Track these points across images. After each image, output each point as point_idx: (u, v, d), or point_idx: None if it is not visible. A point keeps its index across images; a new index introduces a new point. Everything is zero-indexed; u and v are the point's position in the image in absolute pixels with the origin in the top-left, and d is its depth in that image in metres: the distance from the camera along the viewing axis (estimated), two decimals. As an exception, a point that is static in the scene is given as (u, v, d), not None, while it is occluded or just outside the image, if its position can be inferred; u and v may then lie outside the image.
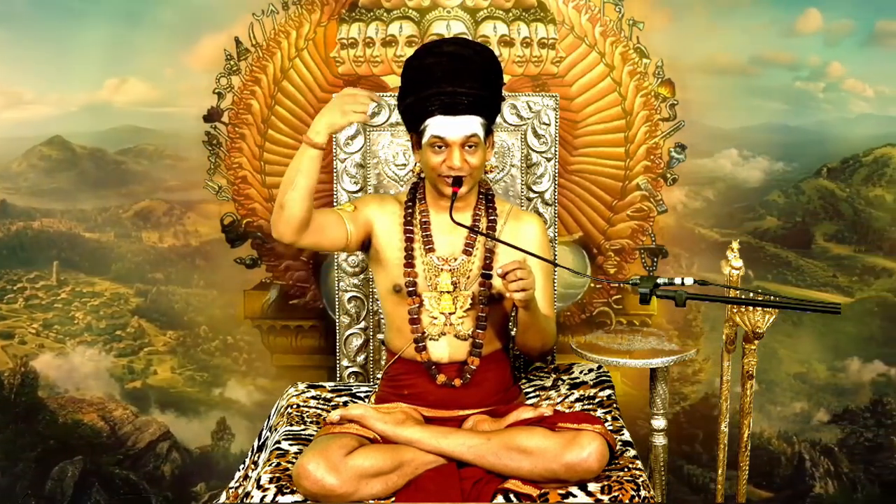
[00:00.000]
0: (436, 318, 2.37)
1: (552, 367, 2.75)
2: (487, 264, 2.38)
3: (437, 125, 2.26)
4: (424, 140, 2.30)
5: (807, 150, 3.32)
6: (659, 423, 2.74)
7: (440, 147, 2.28)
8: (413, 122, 2.33)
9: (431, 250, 2.40)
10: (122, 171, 3.35)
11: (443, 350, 2.38)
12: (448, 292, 2.37)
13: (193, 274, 3.37)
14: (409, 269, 2.37)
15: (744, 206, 3.35)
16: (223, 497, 2.43)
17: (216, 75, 3.25)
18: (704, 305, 3.28)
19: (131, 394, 3.40)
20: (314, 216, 2.26)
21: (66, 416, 3.39)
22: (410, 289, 2.37)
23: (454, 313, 2.37)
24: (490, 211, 2.44)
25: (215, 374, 3.39)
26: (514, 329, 2.48)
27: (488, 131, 2.35)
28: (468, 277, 2.39)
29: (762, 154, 3.32)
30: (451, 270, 2.38)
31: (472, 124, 2.27)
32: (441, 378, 2.35)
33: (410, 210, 2.43)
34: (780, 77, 3.28)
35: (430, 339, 2.38)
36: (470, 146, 2.28)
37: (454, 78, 2.24)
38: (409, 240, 2.40)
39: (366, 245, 2.43)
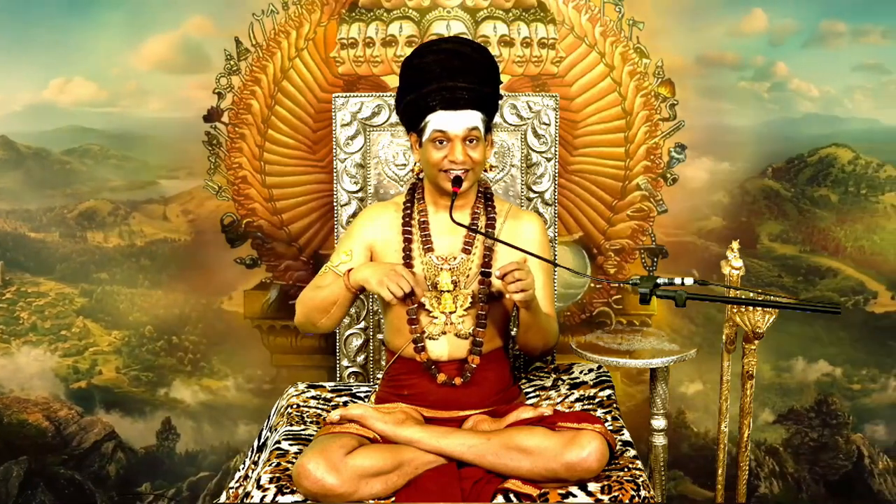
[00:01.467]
0: (436, 318, 2.37)
1: (552, 367, 2.75)
2: (486, 262, 2.38)
3: (439, 120, 2.27)
4: (426, 137, 2.30)
5: (752, 150, 3.32)
6: (659, 423, 2.75)
7: (442, 142, 2.29)
8: (413, 120, 2.33)
9: (430, 250, 2.40)
10: (66, 171, 3.35)
11: (443, 349, 2.38)
12: (448, 291, 2.37)
13: (139, 274, 3.37)
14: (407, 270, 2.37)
15: (689, 206, 3.34)
16: (223, 497, 2.43)
17: (216, 75, 3.25)
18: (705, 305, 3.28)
19: (76, 394, 3.41)
20: None
21: (11, 416, 3.39)
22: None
23: (454, 312, 2.37)
24: (489, 210, 2.44)
25: (160, 374, 3.40)
26: (516, 329, 2.48)
27: (488, 129, 2.36)
28: (468, 276, 2.39)
29: (707, 154, 3.32)
30: (450, 269, 2.39)
31: (472, 118, 2.28)
32: (441, 377, 2.35)
33: (409, 211, 2.43)
34: (726, 77, 3.28)
35: (430, 339, 2.38)
36: (471, 140, 2.29)
37: (454, 73, 2.26)
38: (408, 240, 2.40)
39: None
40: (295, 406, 2.55)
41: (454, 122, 2.27)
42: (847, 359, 3.38)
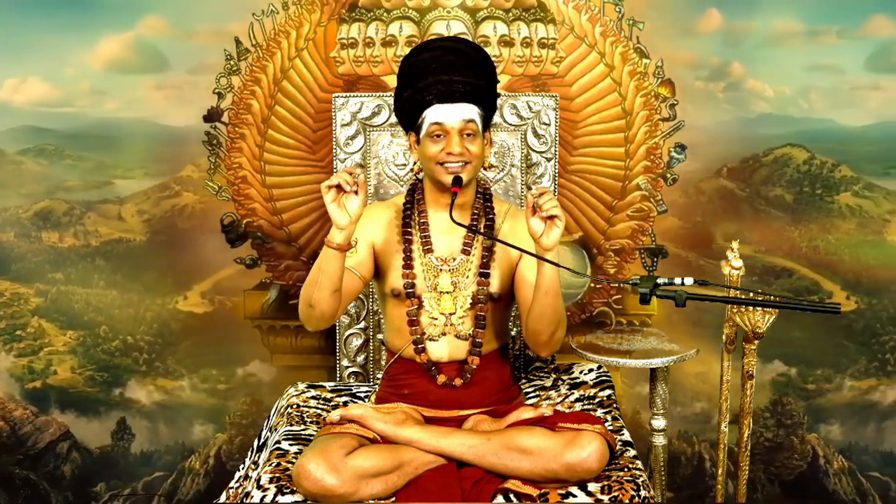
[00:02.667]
0: (436, 319, 2.37)
1: (552, 367, 2.75)
2: (485, 263, 2.38)
3: (436, 113, 2.28)
4: (423, 132, 2.31)
5: (707, 150, 3.31)
6: (659, 423, 2.75)
7: (439, 136, 2.29)
8: (411, 117, 2.34)
9: (430, 251, 2.40)
10: (21, 170, 3.34)
11: (442, 350, 2.38)
12: (448, 292, 2.37)
13: (94, 274, 3.36)
14: (407, 271, 2.38)
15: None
16: (223, 497, 2.43)
17: (216, 75, 3.25)
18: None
19: (31, 394, 3.40)
20: None
21: (-35, 417, 3.40)
22: (409, 290, 2.37)
23: (454, 313, 2.37)
24: (488, 210, 2.44)
25: (115, 374, 3.40)
26: (522, 324, 2.46)
27: (486, 126, 2.36)
28: (467, 277, 2.39)
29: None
30: (450, 270, 2.39)
31: (469, 111, 2.30)
32: (441, 378, 2.36)
33: (409, 212, 2.44)
34: (681, 77, 3.27)
35: (430, 340, 2.38)
36: (468, 133, 2.30)
37: (449, 68, 2.29)
38: (408, 241, 2.40)
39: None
40: (295, 406, 2.55)
41: (450, 114, 2.28)
42: (802, 359, 3.38)
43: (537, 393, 2.61)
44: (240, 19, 3.22)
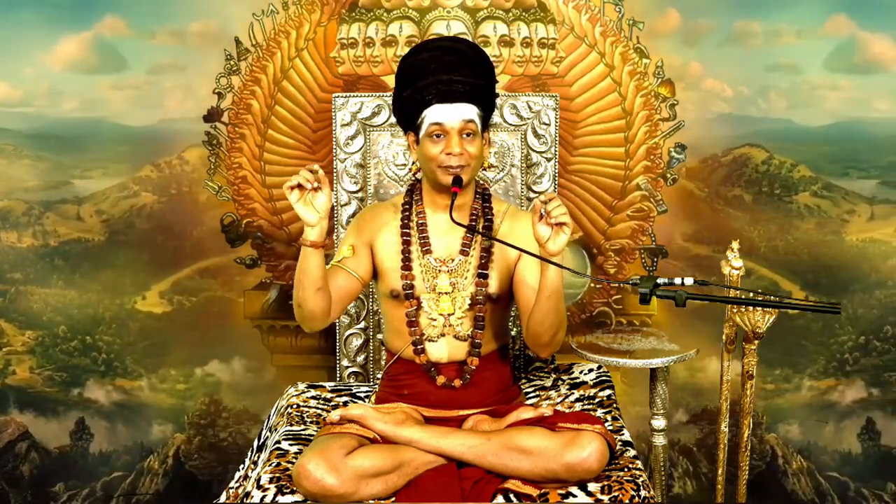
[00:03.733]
0: (434, 320, 2.37)
1: (552, 367, 2.75)
2: (484, 264, 2.38)
3: (435, 113, 2.28)
4: (423, 132, 2.31)
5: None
6: (659, 423, 2.75)
7: (439, 136, 2.29)
8: (410, 117, 2.34)
9: (428, 252, 2.40)
10: None
11: (442, 351, 2.38)
12: (447, 293, 2.37)
13: (52, 274, 3.36)
14: (406, 272, 2.38)
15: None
16: (223, 497, 2.43)
17: (216, 75, 3.25)
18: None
19: None
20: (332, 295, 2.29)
21: (-76, 417, 3.40)
22: (408, 291, 2.37)
23: (453, 314, 2.37)
24: (487, 210, 2.44)
25: (74, 374, 3.40)
26: (522, 326, 2.46)
27: (485, 126, 2.36)
28: (466, 278, 2.39)
29: None
30: (449, 271, 2.39)
31: (468, 111, 2.29)
32: (441, 379, 2.36)
33: (407, 212, 2.43)
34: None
35: (429, 341, 2.38)
36: (468, 134, 2.29)
37: (449, 67, 2.28)
38: (407, 243, 2.40)
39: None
40: (295, 406, 2.55)
41: (450, 114, 2.28)
42: (761, 359, 3.33)
43: (537, 393, 2.61)
44: (238, 19, 3.22)
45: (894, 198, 3.34)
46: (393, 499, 2.10)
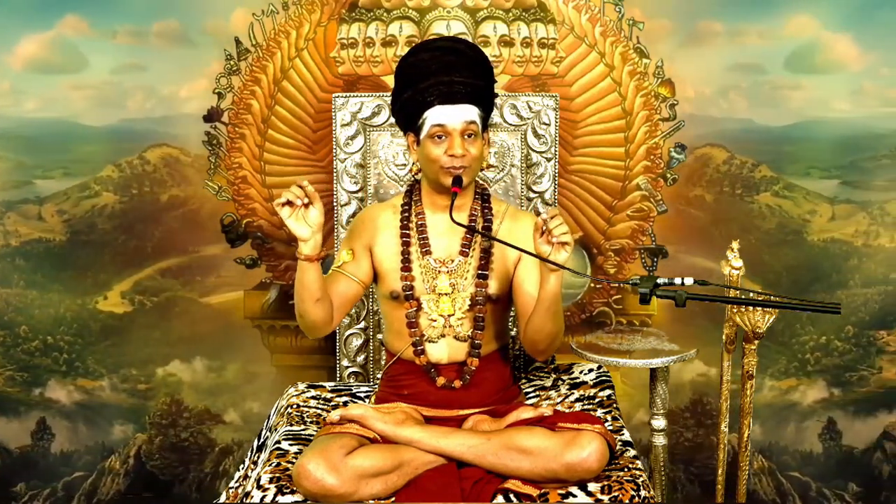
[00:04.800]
0: (434, 321, 2.37)
1: (552, 367, 2.75)
2: (484, 265, 2.38)
3: (437, 114, 2.27)
4: (424, 133, 2.30)
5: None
6: (659, 423, 2.75)
7: (440, 137, 2.29)
8: (411, 118, 2.34)
9: (428, 253, 2.40)
10: None
11: (442, 351, 2.38)
12: (447, 294, 2.37)
13: (13, 274, 3.36)
14: (406, 273, 2.38)
15: None
16: (223, 497, 2.43)
17: (216, 75, 3.25)
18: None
19: None
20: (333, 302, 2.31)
21: None
22: (408, 293, 2.37)
23: (453, 315, 2.37)
24: (486, 211, 2.44)
25: (35, 373, 3.40)
26: (518, 330, 2.47)
27: (485, 126, 2.36)
28: (465, 279, 2.39)
29: None
30: (448, 272, 2.39)
31: (470, 112, 2.29)
32: (441, 380, 2.36)
33: (406, 213, 2.43)
34: None
35: (429, 342, 2.38)
36: (469, 135, 2.29)
37: (450, 68, 2.28)
38: (406, 244, 2.40)
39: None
40: (295, 406, 2.55)
41: (452, 115, 2.27)
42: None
43: (537, 393, 2.61)
44: (237, 19, 3.22)
45: (855, 198, 3.34)
46: (393, 499, 2.10)
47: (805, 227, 3.34)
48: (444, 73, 2.27)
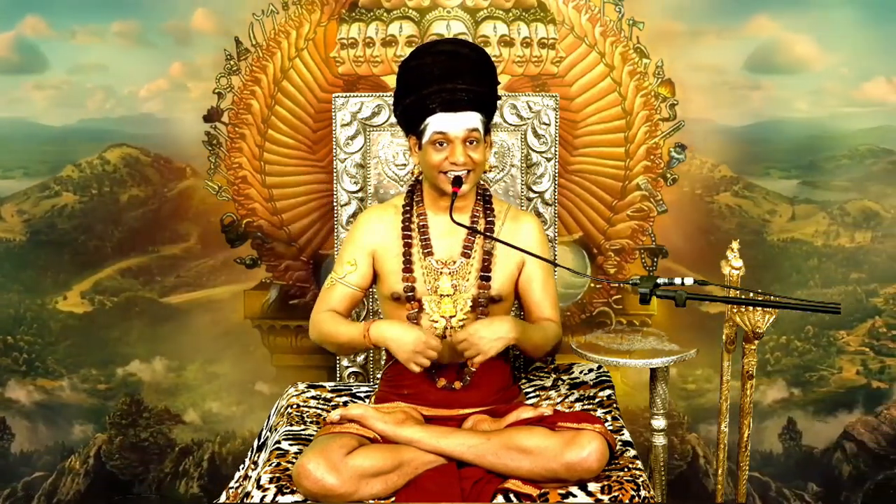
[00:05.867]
0: (436, 322, 2.37)
1: (552, 367, 2.75)
2: (486, 266, 2.38)
3: (439, 122, 2.27)
4: (425, 139, 2.30)
5: None
6: (659, 423, 2.74)
7: (442, 144, 2.28)
8: (412, 123, 2.33)
9: (430, 254, 2.39)
10: None
11: (442, 352, 2.37)
12: (448, 295, 2.37)
13: None
14: (407, 275, 2.38)
15: None
16: (223, 497, 2.43)
17: (216, 75, 3.25)
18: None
19: None
20: (341, 314, 2.42)
21: None
22: (409, 294, 2.37)
23: (454, 316, 2.37)
24: (488, 212, 2.44)
25: None
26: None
27: (487, 130, 2.35)
28: (467, 280, 2.38)
29: None
30: (450, 273, 2.38)
31: (472, 119, 2.28)
32: (441, 381, 2.35)
33: (408, 214, 2.43)
34: None
35: (430, 342, 2.37)
36: (471, 141, 2.29)
37: (453, 75, 2.26)
38: (408, 245, 2.40)
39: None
40: (295, 406, 2.55)
41: (454, 123, 2.27)
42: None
43: (537, 393, 2.61)
44: (236, 19, 3.22)
45: (815, 198, 3.35)
46: (393, 499, 2.10)
47: (765, 228, 3.35)
48: (447, 79, 2.26)
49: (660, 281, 1.96)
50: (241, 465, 2.53)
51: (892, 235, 3.35)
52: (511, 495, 2.08)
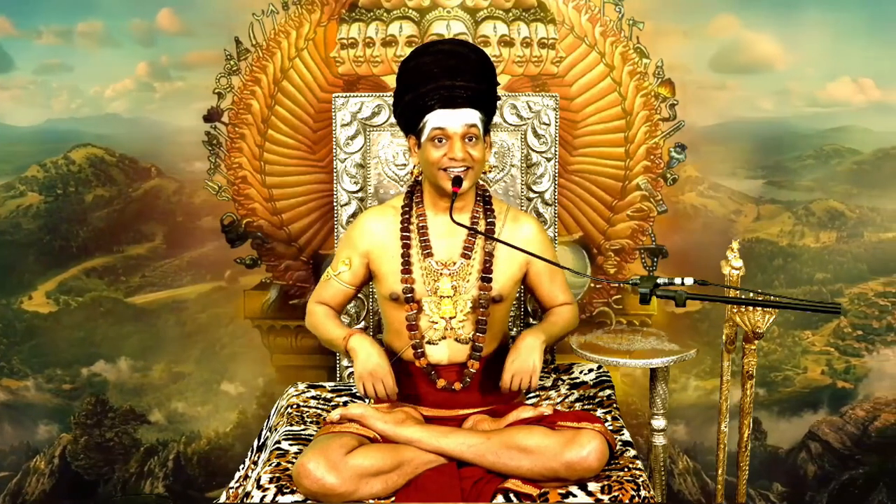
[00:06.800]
0: (436, 323, 2.37)
1: (552, 367, 2.75)
2: (487, 267, 2.38)
3: (438, 118, 2.27)
4: (425, 136, 2.30)
5: None
6: (659, 423, 2.74)
7: (441, 141, 2.29)
8: (412, 121, 2.34)
9: (429, 255, 2.39)
10: None
11: (442, 353, 2.37)
12: (448, 297, 2.37)
13: None
14: (406, 276, 2.37)
15: None
16: (223, 497, 2.43)
17: (216, 75, 3.25)
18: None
19: None
20: (333, 308, 2.49)
21: None
22: (408, 295, 2.37)
23: (454, 317, 2.37)
24: (488, 212, 2.44)
25: None
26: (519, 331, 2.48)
27: (486, 129, 2.36)
28: (467, 281, 2.38)
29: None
30: (450, 274, 2.38)
31: (471, 116, 2.29)
32: (441, 382, 2.35)
33: (407, 215, 2.43)
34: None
35: (430, 344, 2.37)
36: (470, 138, 2.29)
37: (452, 72, 2.28)
38: (407, 245, 2.40)
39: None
40: (295, 406, 2.55)
41: (453, 120, 2.27)
42: None
43: (537, 393, 2.61)
44: (236, 19, 3.22)
45: (780, 198, 3.35)
46: (393, 498, 2.10)
47: (730, 228, 3.35)
48: (445, 76, 2.27)
49: (660, 281, 1.96)
50: (241, 465, 2.54)
51: (857, 236, 3.36)
52: (511, 495, 2.08)
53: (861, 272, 3.37)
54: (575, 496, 2.07)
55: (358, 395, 2.67)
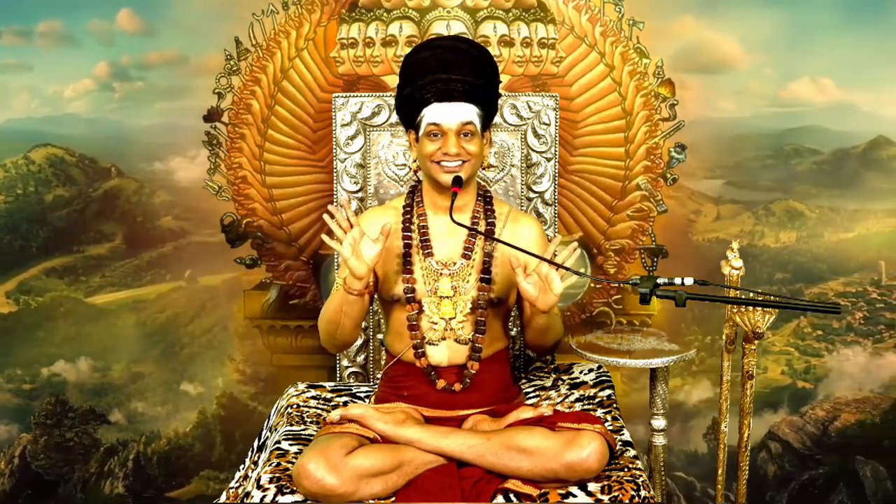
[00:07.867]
0: (436, 324, 2.37)
1: (552, 367, 2.75)
2: (486, 268, 2.38)
3: (433, 112, 2.28)
4: (421, 130, 2.31)
5: None
6: (659, 423, 2.75)
7: (436, 135, 2.29)
8: (410, 116, 2.34)
9: (430, 255, 2.39)
10: None
11: (442, 354, 2.37)
12: (448, 297, 2.37)
13: None
14: (407, 276, 2.37)
15: None
16: (223, 497, 2.43)
17: (216, 75, 3.25)
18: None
19: None
20: None
21: None
22: (409, 295, 2.36)
23: (454, 318, 2.37)
24: (489, 213, 2.44)
25: None
26: (522, 330, 2.48)
27: (486, 126, 2.35)
28: (467, 282, 2.38)
29: None
30: (450, 275, 2.38)
31: (467, 111, 2.28)
32: (441, 383, 2.35)
33: (408, 215, 2.43)
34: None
35: (430, 344, 2.37)
36: (466, 134, 2.29)
37: (449, 66, 2.28)
38: (408, 245, 2.39)
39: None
40: (295, 406, 2.55)
41: (448, 114, 2.27)
42: None
43: (537, 393, 2.61)
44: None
45: (740, 198, 3.35)
46: (393, 499, 2.10)
47: (690, 227, 3.35)
48: (442, 70, 2.27)
49: (660, 281, 1.96)
50: (241, 465, 2.53)
51: (817, 236, 3.36)
52: (511, 495, 2.08)
53: (821, 272, 3.38)
54: (575, 496, 2.07)
55: (358, 395, 2.67)
